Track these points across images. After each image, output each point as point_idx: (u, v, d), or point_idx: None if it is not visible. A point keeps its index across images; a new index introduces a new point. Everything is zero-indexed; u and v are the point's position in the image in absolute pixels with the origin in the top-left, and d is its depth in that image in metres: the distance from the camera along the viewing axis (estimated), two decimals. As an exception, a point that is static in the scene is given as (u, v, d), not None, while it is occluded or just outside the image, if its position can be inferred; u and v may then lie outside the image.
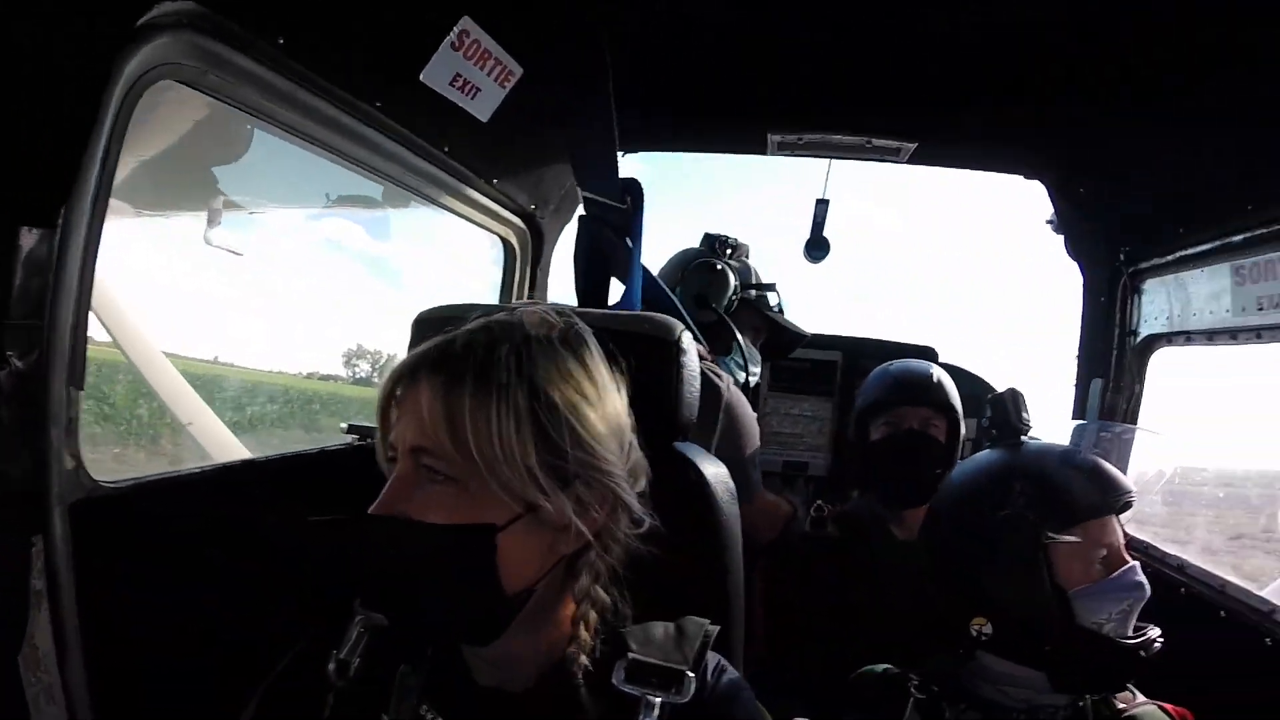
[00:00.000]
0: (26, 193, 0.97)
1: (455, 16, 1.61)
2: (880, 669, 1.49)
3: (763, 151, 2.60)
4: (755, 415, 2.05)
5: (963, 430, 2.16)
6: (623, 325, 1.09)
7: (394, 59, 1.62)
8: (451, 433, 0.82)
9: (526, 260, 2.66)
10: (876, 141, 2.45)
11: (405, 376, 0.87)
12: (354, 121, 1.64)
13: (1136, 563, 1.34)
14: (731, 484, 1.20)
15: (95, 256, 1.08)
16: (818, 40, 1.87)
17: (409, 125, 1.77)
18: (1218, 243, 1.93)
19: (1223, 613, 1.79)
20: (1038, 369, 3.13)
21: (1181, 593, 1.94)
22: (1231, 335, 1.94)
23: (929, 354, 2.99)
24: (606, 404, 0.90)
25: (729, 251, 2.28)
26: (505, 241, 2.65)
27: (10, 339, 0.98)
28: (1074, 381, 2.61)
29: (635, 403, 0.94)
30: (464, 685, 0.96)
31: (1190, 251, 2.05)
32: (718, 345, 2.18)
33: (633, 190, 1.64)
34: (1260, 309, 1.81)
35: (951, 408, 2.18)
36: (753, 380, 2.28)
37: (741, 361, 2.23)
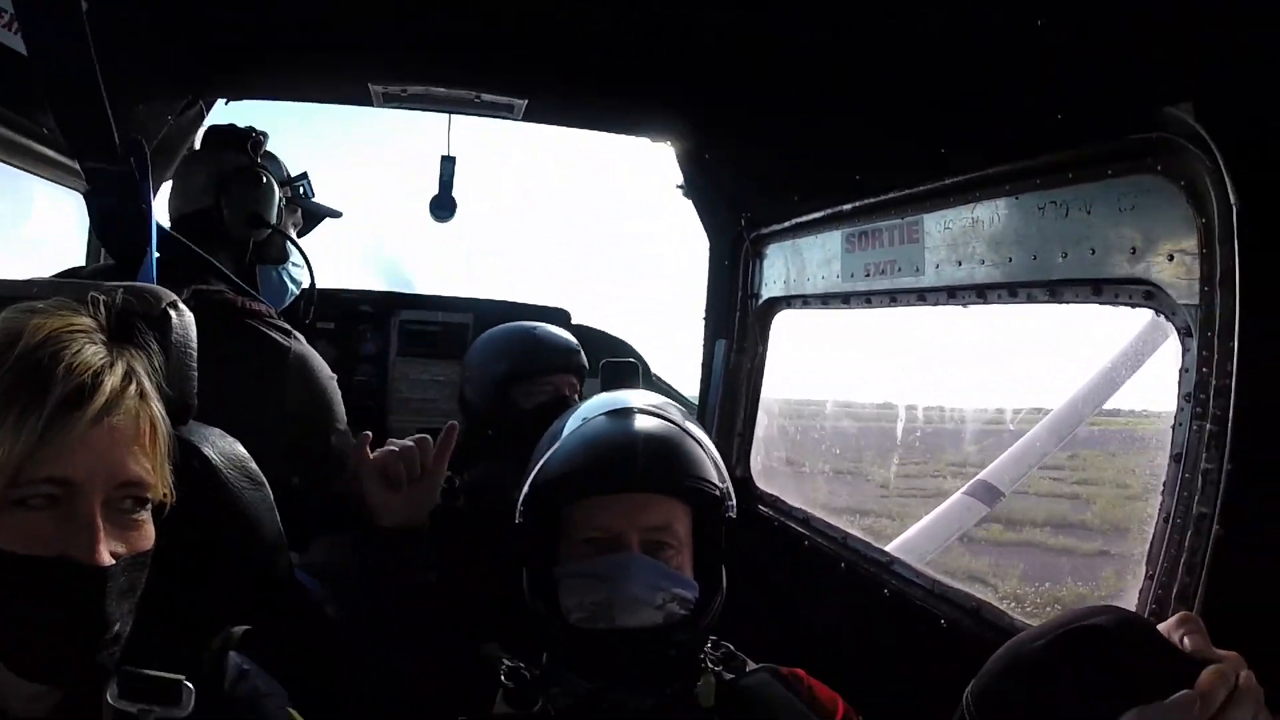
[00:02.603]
0: None
1: None
2: (485, 649, 1.37)
3: (368, 103, 2.37)
4: (334, 375, 1.91)
5: None
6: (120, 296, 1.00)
7: None
8: None
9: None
10: (486, 96, 2.30)
11: None
12: None
13: (635, 554, 1.25)
14: (247, 461, 1.17)
15: None
16: None
17: None
18: (830, 210, 2.03)
19: (843, 564, 1.91)
20: (674, 328, 3.23)
21: (805, 545, 2.05)
22: (844, 299, 2.07)
23: (562, 316, 3.01)
24: None
25: (261, 151, 2.04)
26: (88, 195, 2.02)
27: None
28: (700, 342, 2.69)
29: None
30: None
31: (806, 219, 2.14)
32: (269, 254, 2.03)
33: (135, 151, 1.47)
34: (868, 275, 1.93)
35: (584, 369, 2.25)
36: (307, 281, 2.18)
37: (302, 262, 2.10)
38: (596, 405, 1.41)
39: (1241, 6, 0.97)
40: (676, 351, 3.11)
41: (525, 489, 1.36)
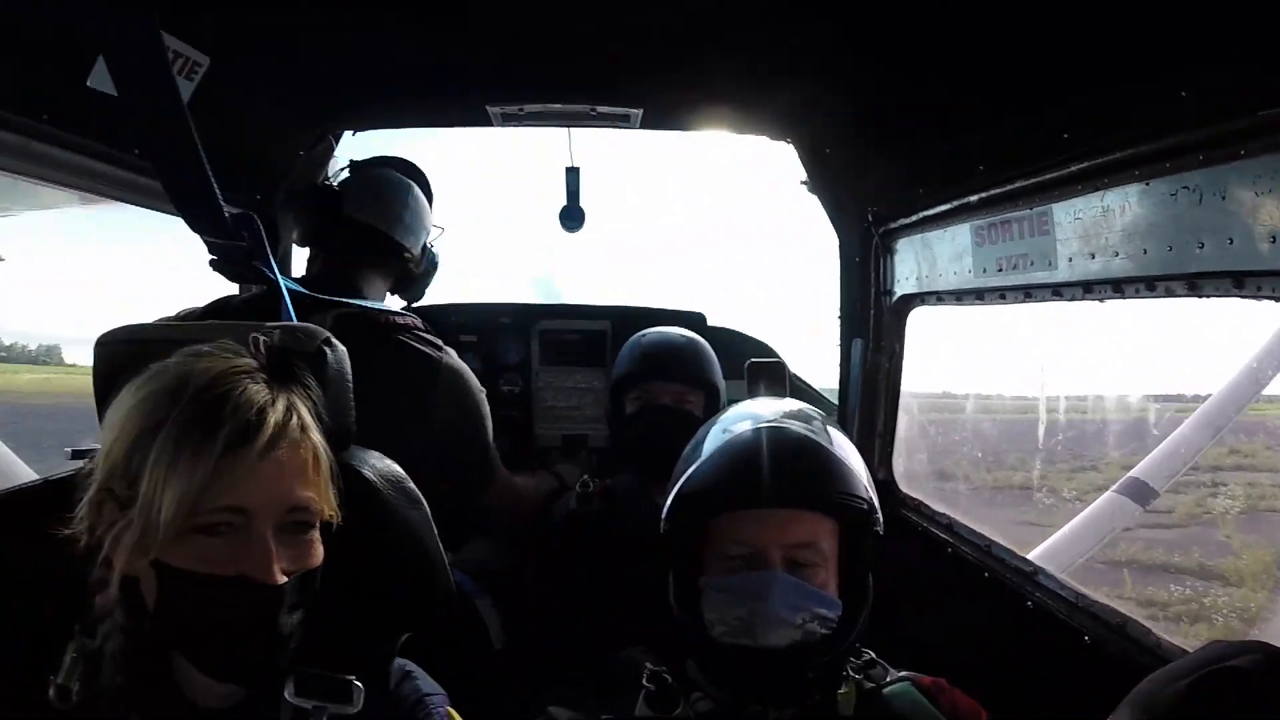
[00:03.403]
0: None
1: None
2: (630, 653, 1.38)
3: (487, 124, 2.45)
4: (483, 392, 1.99)
5: (723, 396, 2.15)
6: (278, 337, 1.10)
7: (52, 70, 1.53)
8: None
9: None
10: (602, 109, 2.33)
11: None
12: (22, 139, 1.54)
13: (776, 572, 1.22)
14: (405, 481, 1.24)
15: None
16: (526, 6, 1.71)
17: (88, 134, 1.67)
18: (956, 203, 1.92)
19: (986, 573, 1.82)
20: (812, 325, 3.17)
21: (949, 553, 1.97)
22: (977, 295, 1.95)
23: (697, 319, 2.98)
24: None
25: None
26: None
27: None
28: (838, 341, 2.63)
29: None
30: (175, 706, 1.03)
31: (932, 212, 2.04)
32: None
33: (247, 224, 1.50)
34: (1000, 270, 1.81)
35: (705, 380, 2.17)
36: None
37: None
38: (739, 415, 1.38)
39: None
40: (814, 349, 3.03)
41: (669, 499, 1.35)
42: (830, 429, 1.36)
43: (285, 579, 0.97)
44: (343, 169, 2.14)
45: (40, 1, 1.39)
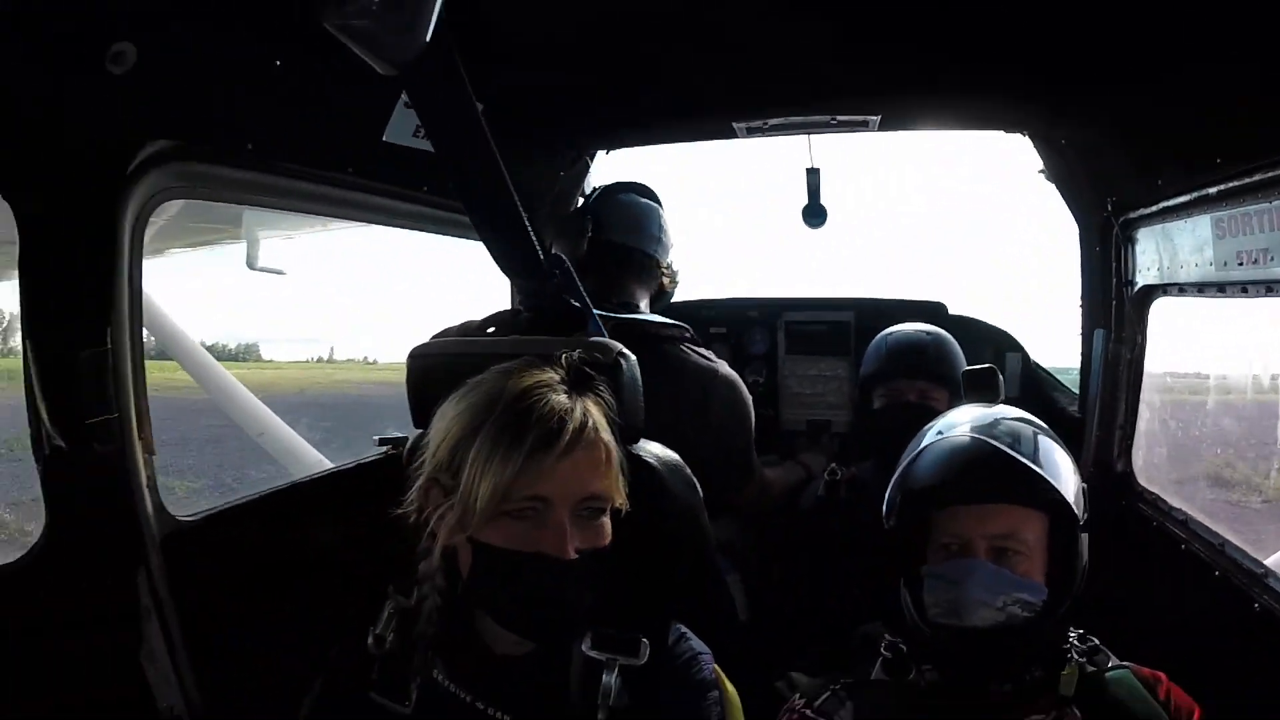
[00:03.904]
0: (77, 324, 1.29)
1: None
2: (868, 628, 1.56)
3: (732, 137, 2.63)
4: (750, 400, 2.13)
5: None
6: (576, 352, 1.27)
7: (354, 130, 1.81)
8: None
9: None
10: (842, 117, 2.46)
11: None
12: (332, 189, 1.85)
13: (975, 560, 1.36)
14: (684, 469, 1.43)
15: (141, 351, 1.39)
16: (767, 24, 1.86)
17: (384, 178, 1.97)
18: (1195, 194, 1.87)
19: (1217, 572, 1.79)
20: (1052, 313, 3.08)
21: (1181, 549, 1.94)
22: (1219, 288, 1.88)
23: (938, 309, 3.00)
24: None
25: None
26: None
27: (97, 434, 1.30)
28: (1079, 333, 2.59)
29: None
30: (475, 654, 1.22)
31: (1171, 203, 1.99)
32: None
33: (559, 265, 1.67)
34: (1240, 264, 1.76)
35: (949, 376, 2.23)
36: None
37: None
38: (955, 420, 1.53)
39: None
40: (1056, 336, 2.95)
41: (889, 495, 1.53)
42: (1037, 433, 1.48)
43: (576, 555, 1.12)
44: (592, 191, 2.39)
45: (341, 74, 1.51)
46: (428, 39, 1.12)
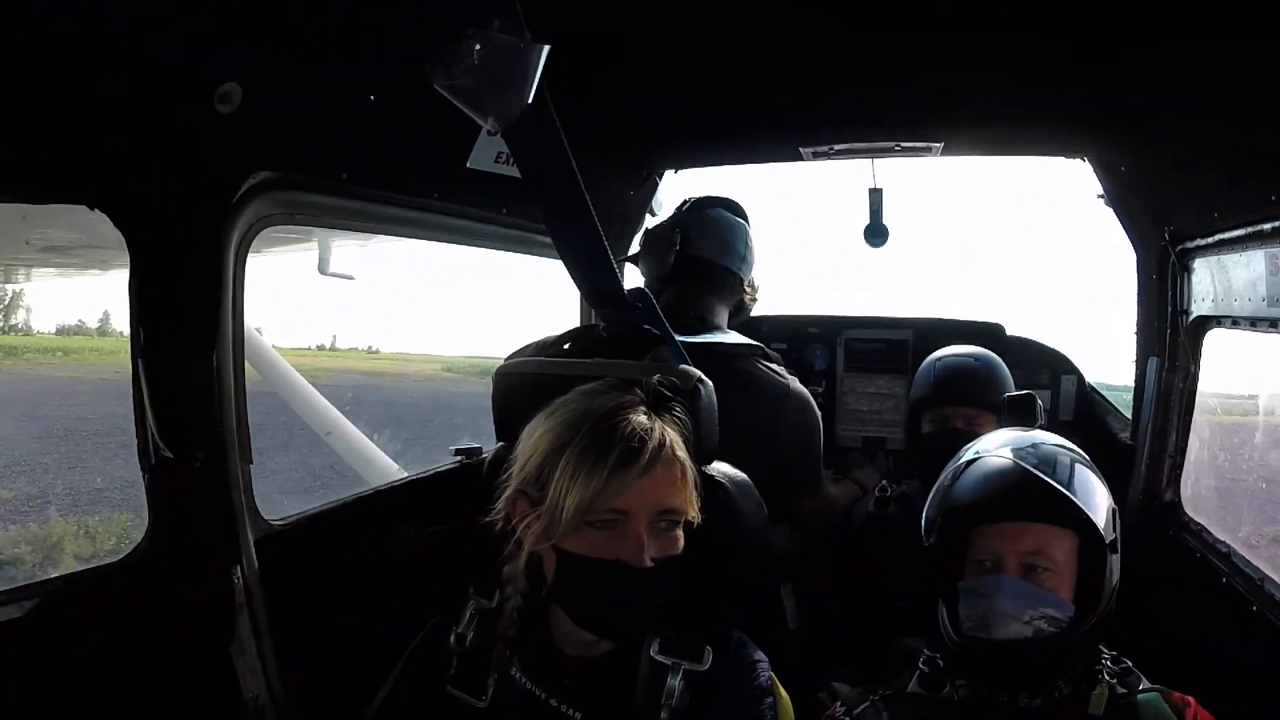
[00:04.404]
0: (185, 342, 1.40)
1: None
2: (909, 642, 1.66)
3: (798, 160, 2.70)
4: (820, 416, 2.18)
5: None
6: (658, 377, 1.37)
7: (440, 158, 1.94)
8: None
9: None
10: (905, 144, 2.51)
11: None
12: (418, 213, 1.98)
13: (1004, 576, 1.42)
14: (753, 490, 1.47)
15: (242, 368, 1.50)
16: (834, 50, 1.92)
17: (466, 202, 2.10)
18: (1251, 229, 1.87)
19: (1255, 606, 1.80)
20: (1107, 334, 3.05)
21: (1223, 582, 1.95)
22: (1271, 324, 1.89)
23: (995, 331, 3.00)
24: None
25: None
26: None
27: (203, 442, 1.40)
28: (1133, 359, 2.58)
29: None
30: (550, 654, 1.30)
31: (1227, 236, 1.99)
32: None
33: (642, 299, 1.73)
34: (1293, 301, 1.76)
35: (996, 404, 2.23)
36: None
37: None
38: (993, 442, 1.60)
39: None
40: (1111, 358, 2.92)
41: (927, 513, 1.60)
42: (1072, 458, 1.54)
43: (652, 564, 1.20)
44: (682, 204, 2.38)
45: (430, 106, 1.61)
46: (530, 99, 1.18)
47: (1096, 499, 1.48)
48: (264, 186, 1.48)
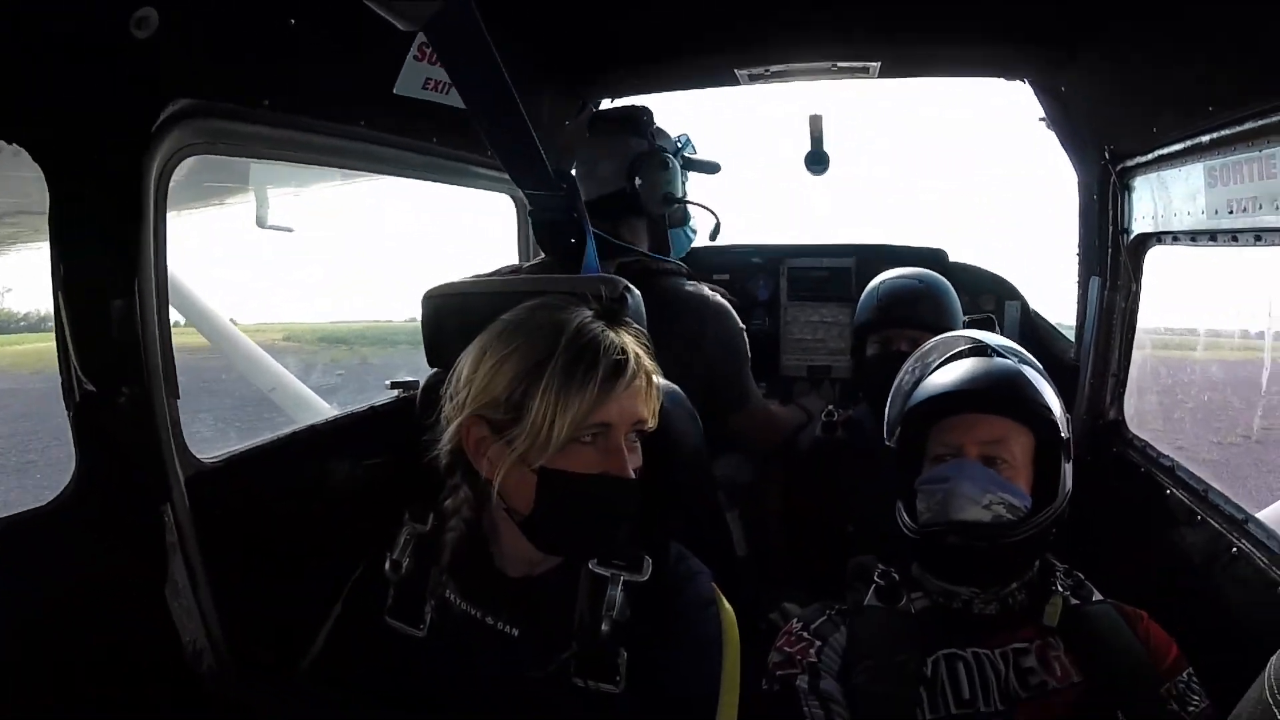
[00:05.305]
0: (106, 275, 1.33)
1: (411, 35, 1.77)
2: (862, 559, 1.66)
3: (734, 84, 2.63)
4: (743, 328, 2.21)
5: None
6: (590, 289, 1.37)
7: (366, 84, 1.90)
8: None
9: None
10: (842, 64, 2.46)
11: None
12: (345, 141, 1.91)
13: (965, 459, 1.46)
14: (684, 398, 1.50)
15: (166, 300, 1.43)
16: None
17: (395, 130, 2.04)
18: (1189, 142, 1.86)
19: (1199, 516, 1.84)
20: (1051, 259, 3.08)
21: (1167, 494, 1.99)
22: (1210, 237, 1.89)
23: (938, 256, 3.01)
24: None
25: (655, 130, 2.33)
26: (517, 200, 2.87)
27: (125, 377, 1.35)
28: (1075, 279, 2.60)
29: None
30: (490, 576, 1.29)
31: (1165, 151, 1.98)
32: (676, 219, 2.33)
33: (565, 177, 1.78)
34: (1231, 212, 1.76)
35: (941, 326, 2.22)
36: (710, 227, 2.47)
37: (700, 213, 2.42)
38: (952, 342, 1.70)
39: None
40: (1056, 286, 2.95)
41: (889, 414, 1.67)
42: (1029, 363, 1.61)
43: (633, 475, 1.21)
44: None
45: (354, 30, 1.63)
46: None
47: (1052, 402, 1.52)
48: (184, 114, 1.41)
